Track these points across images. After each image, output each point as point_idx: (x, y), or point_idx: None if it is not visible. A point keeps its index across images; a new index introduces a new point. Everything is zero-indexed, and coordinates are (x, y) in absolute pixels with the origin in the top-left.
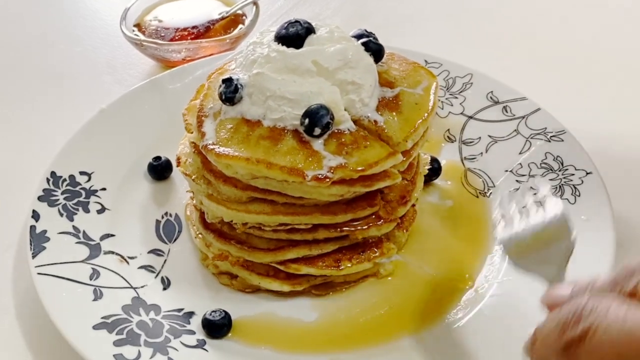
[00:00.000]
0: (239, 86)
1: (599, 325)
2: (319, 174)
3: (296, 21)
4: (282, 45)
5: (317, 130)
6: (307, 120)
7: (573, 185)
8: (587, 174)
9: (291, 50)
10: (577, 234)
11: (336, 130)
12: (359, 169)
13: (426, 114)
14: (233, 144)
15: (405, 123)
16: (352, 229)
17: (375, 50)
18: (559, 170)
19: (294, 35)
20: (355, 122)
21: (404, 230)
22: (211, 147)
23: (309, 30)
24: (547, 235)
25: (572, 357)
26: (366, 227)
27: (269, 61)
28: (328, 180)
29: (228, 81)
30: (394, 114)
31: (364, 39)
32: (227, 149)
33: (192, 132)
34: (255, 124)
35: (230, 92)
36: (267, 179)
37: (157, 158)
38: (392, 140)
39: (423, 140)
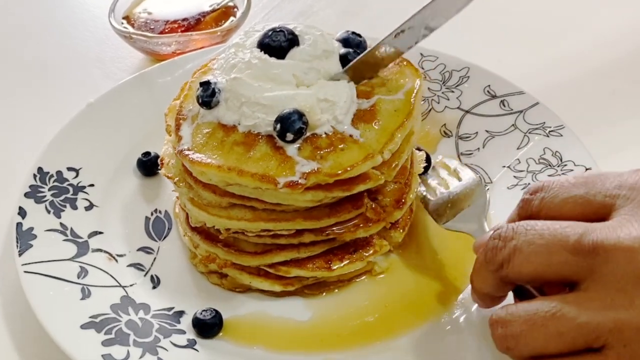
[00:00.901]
0: (217, 90)
1: (524, 240)
2: (291, 181)
3: (281, 30)
4: (265, 53)
5: (290, 136)
6: (278, 126)
7: None
8: (587, 170)
9: (273, 59)
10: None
11: (312, 135)
12: (334, 173)
13: (405, 121)
14: (207, 149)
15: (382, 133)
16: (339, 232)
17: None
18: (558, 166)
19: (277, 47)
20: None
21: (401, 230)
22: (186, 152)
23: (293, 42)
24: (466, 198)
25: (505, 275)
26: (353, 229)
27: (249, 67)
28: (301, 186)
29: (206, 84)
30: (372, 124)
31: (344, 51)
32: (200, 155)
33: (171, 135)
34: (231, 129)
35: (207, 96)
36: (241, 186)
37: (147, 153)
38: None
39: (409, 145)
